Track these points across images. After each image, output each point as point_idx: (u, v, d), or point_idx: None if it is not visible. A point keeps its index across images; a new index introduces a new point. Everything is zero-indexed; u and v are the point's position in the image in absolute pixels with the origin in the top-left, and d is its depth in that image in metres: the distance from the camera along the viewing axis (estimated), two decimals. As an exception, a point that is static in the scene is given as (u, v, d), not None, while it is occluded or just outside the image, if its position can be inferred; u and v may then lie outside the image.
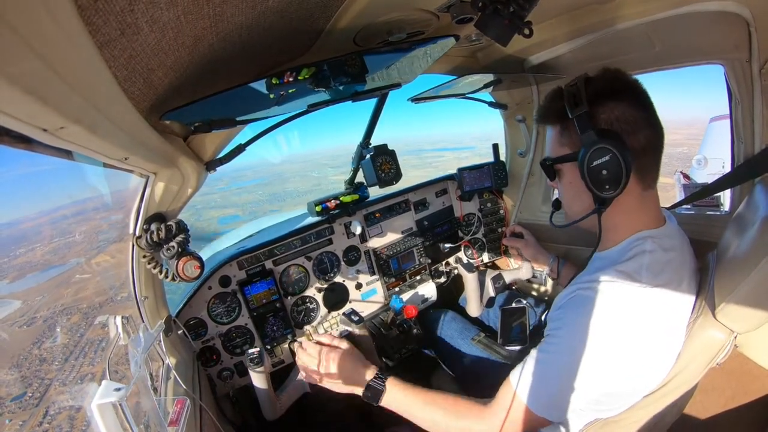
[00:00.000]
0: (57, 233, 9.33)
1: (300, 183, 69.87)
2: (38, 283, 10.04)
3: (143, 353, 0.95)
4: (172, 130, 1.10)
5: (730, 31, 1.10)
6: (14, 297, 8.50)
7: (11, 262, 9.89)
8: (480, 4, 0.85)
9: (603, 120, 0.96)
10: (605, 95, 0.96)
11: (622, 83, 0.99)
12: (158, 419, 0.92)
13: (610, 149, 0.91)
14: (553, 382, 0.98)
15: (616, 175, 0.93)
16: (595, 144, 0.93)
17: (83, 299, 7.29)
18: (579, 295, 0.99)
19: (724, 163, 1.44)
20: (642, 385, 0.97)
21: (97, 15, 0.49)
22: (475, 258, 2.33)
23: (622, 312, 0.92)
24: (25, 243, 9.50)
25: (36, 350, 6.26)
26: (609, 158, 0.92)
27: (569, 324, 0.98)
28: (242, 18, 0.76)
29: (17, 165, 40.93)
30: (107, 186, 1.10)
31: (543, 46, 1.51)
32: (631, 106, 0.96)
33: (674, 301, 0.96)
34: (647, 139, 0.97)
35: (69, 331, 6.42)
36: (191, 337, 1.58)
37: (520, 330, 1.71)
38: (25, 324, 7.33)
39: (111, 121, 0.62)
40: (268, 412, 1.49)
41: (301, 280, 1.86)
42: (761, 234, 0.85)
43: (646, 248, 0.99)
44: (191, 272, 1.13)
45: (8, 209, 47.04)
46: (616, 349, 0.92)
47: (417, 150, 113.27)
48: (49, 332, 6.78)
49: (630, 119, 0.95)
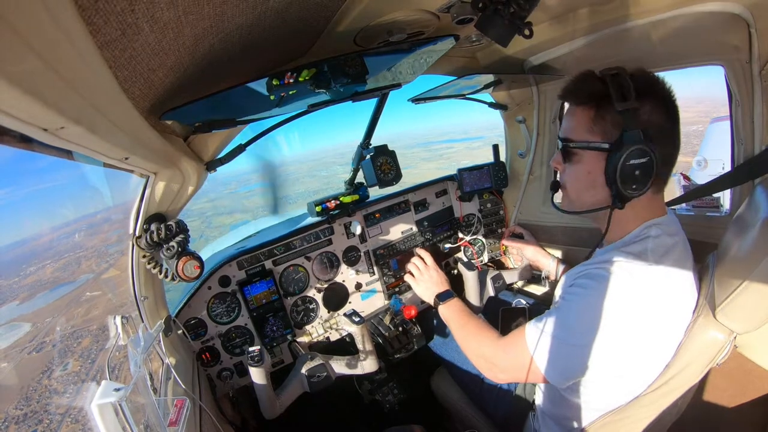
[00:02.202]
0: (67, 248, 9.15)
1: (310, 183, 69.41)
2: (47, 302, 9.85)
3: (143, 353, 0.95)
4: (172, 130, 1.10)
5: (731, 32, 1.10)
6: (24, 319, 8.32)
7: (21, 282, 9.68)
8: (480, 5, 0.86)
9: (644, 121, 0.95)
10: (649, 96, 0.95)
11: (663, 90, 0.98)
12: (158, 419, 0.92)
13: (649, 152, 0.92)
14: (567, 352, 1.00)
15: (645, 178, 0.94)
16: (638, 144, 0.92)
17: (93, 319, 7.06)
18: (590, 271, 1.01)
19: (724, 165, 1.44)
20: (649, 368, 0.98)
21: (98, 15, 0.49)
22: (475, 258, 2.33)
23: (631, 286, 0.94)
24: (35, 260, 9.31)
25: (46, 380, 5.99)
26: (646, 161, 0.92)
27: (582, 297, 1.00)
28: (243, 18, 0.76)
29: (25, 184, 41.27)
30: (112, 200, 1.13)
31: (543, 47, 1.51)
32: (667, 115, 0.96)
33: (679, 281, 0.98)
34: (670, 152, 0.99)
35: (80, 357, 6.18)
36: (191, 337, 1.58)
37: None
38: (35, 350, 7.08)
39: (111, 121, 0.62)
40: (267, 412, 1.49)
41: (301, 280, 1.86)
42: (762, 235, 0.85)
43: (651, 234, 1.01)
44: (191, 272, 1.13)
45: (18, 227, 47.19)
46: (626, 321, 0.94)
47: (425, 143, 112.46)
48: (59, 359, 6.52)
49: (665, 127, 0.96)
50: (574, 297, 1.01)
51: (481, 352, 1.23)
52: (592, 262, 1.04)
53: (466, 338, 1.31)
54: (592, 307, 0.95)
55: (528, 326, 1.09)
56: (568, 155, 1.07)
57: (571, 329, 0.99)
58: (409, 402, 2.01)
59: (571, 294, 1.02)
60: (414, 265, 1.68)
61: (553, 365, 1.01)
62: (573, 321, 1.00)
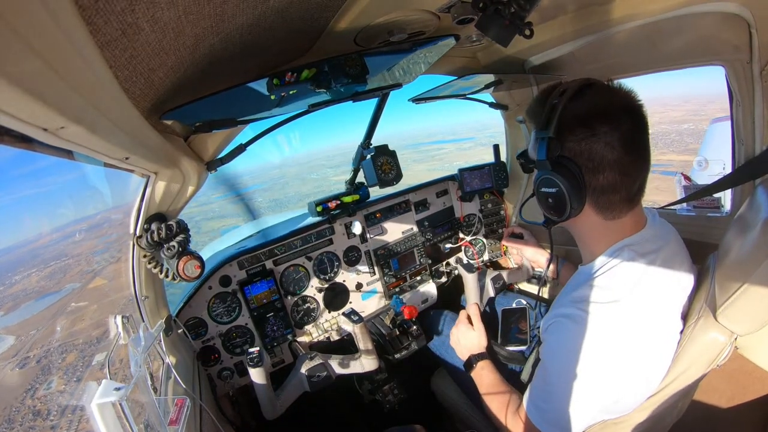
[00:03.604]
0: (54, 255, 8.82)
1: (301, 186, 69.11)
2: (32, 313, 9.56)
3: (143, 353, 0.95)
4: (172, 130, 1.10)
5: (731, 32, 1.10)
6: (8, 332, 8.07)
7: (6, 291, 9.38)
8: (481, 5, 0.85)
9: (568, 148, 0.91)
10: (583, 123, 0.89)
11: (612, 115, 0.88)
12: (158, 419, 0.92)
13: (557, 183, 0.90)
14: (557, 405, 0.99)
15: (560, 206, 0.93)
16: (546, 173, 0.92)
17: (79, 332, 6.77)
18: (557, 322, 1.00)
19: (724, 165, 1.45)
20: (644, 388, 0.97)
21: (98, 15, 0.49)
22: (475, 258, 2.33)
23: (603, 331, 0.93)
24: (21, 268, 8.99)
25: (29, 400, 5.67)
26: (555, 191, 0.92)
27: (555, 352, 1.00)
28: (243, 18, 0.76)
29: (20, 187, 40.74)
30: (111, 201, 1.13)
31: (543, 47, 1.51)
32: (607, 145, 0.87)
33: (659, 301, 0.96)
34: (609, 182, 0.91)
35: (65, 375, 5.90)
36: (191, 336, 1.58)
37: (520, 330, 1.71)
38: (18, 366, 6.76)
39: (112, 120, 0.62)
40: (267, 412, 1.49)
41: (301, 280, 1.86)
42: (762, 236, 0.85)
43: (621, 257, 0.97)
44: (192, 272, 1.13)
45: (11, 232, 46.54)
46: (604, 367, 0.93)
47: (414, 144, 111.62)
48: (43, 376, 6.21)
49: (596, 158, 0.89)
50: (552, 355, 1.02)
51: (499, 425, 1.24)
52: (561, 305, 1.02)
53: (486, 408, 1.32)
54: (571, 360, 0.94)
55: (525, 401, 1.09)
56: (524, 168, 1.18)
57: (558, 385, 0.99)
58: (409, 402, 2.01)
59: (549, 345, 1.03)
60: (460, 324, 1.65)
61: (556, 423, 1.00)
62: (559, 376, 0.99)
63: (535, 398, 1.06)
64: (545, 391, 1.03)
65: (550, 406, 1.00)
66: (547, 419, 1.01)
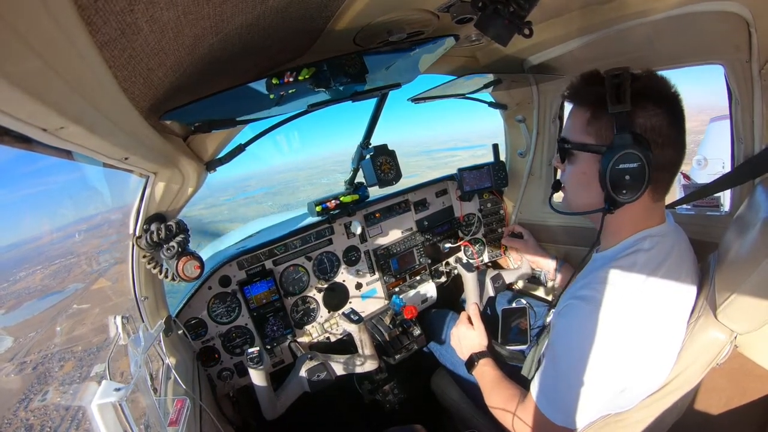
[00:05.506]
0: (60, 253, 8.51)
1: (311, 191, 68.75)
2: (33, 313, 9.34)
3: (143, 353, 0.95)
4: (172, 130, 1.10)
5: (730, 31, 1.10)
6: (8, 332, 7.84)
7: (10, 288, 9.10)
8: (480, 4, 0.85)
9: (639, 125, 0.93)
10: (649, 99, 0.93)
11: (667, 94, 0.95)
12: (158, 419, 0.92)
13: (640, 157, 0.90)
14: (566, 393, 0.99)
15: (636, 183, 0.92)
16: (627, 148, 0.91)
17: (79, 338, 6.54)
18: (570, 305, 1.00)
19: (724, 164, 1.44)
20: (652, 379, 0.98)
21: (97, 15, 0.49)
22: (475, 258, 2.33)
23: (618, 315, 0.93)
24: (27, 265, 8.67)
25: (22, 412, 5.39)
26: (636, 166, 0.90)
27: (567, 333, 1.00)
28: (242, 18, 0.76)
29: (23, 185, 40.54)
30: (111, 202, 1.13)
31: (543, 46, 1.51)
32: (668, 120, 0.93)
33: (673, 294, 0.97)
34: (670, 158, 0.96)
35: (61, 385, 5.66)
36: (191, 337, 1.58)
37: (520, 330, 1.71)
38: (13, 372, 6.51)
39: (111, 120, 0.62)
40: (267, 412, 1.49)
41: (301, 280, 1.86)
42: (762, 235, 0.85)
43: (643, 246, 0.99)
44: (191, 272, 1.13)
45: (15, 229, 46.07)
46: (616, 352, 0.93)
47: (427, 151, 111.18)
48: (38, 385, 5.92)
49: (664, 133, 0.93)
50: (563, 337, 1.01)
51: (504, 420, 1.23)
52: (579, 287, 1.02)
53: (490, 405, 1.33)
54: (583, 341, 0.94)
55: (533, 390, 1.09)
56: (565, 155, 1.07)
57: (568, 371, 0.98)
58: (409, 402, 2.01)
59: (561, 328, 1.03)
60: (461, 324, 1.66)
61: (566, 412, 1.00)
62: (570, 361, 0.98)
63: (543, 386, 1.05)
64: (554, 378, 1.02)
65: (560, 392, 1.00)
66: (557, 407, 1.01)
